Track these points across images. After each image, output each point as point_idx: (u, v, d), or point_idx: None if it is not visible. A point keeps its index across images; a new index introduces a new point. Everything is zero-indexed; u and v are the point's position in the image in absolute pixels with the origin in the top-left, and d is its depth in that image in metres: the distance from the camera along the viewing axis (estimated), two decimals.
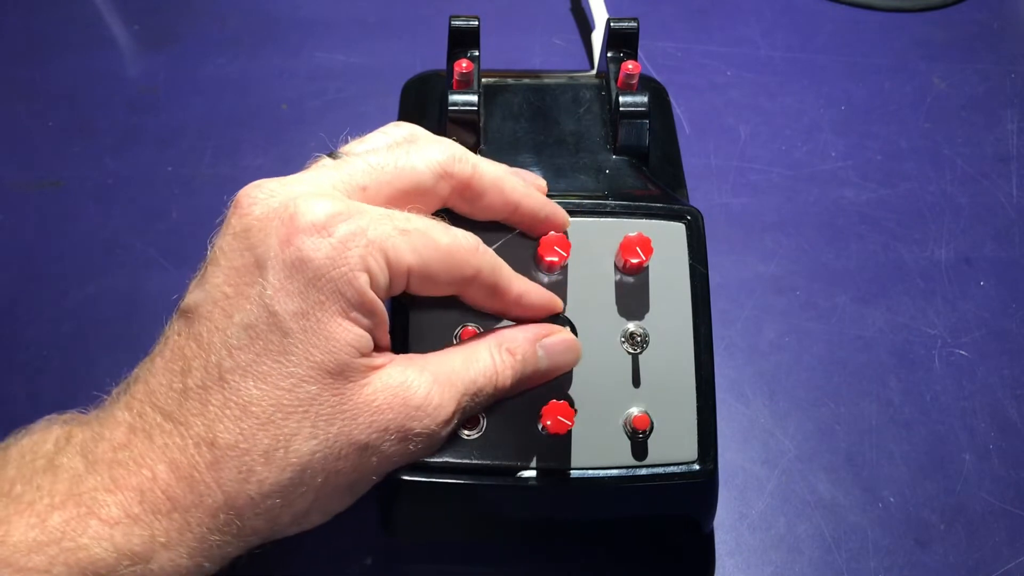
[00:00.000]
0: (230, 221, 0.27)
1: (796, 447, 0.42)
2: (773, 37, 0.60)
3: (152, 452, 0.25)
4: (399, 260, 0.26)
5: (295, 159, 0.52)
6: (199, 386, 0.25)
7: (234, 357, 0.25)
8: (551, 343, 0.30)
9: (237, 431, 0.24)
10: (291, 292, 0.25)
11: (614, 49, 0.42)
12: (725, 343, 0.45)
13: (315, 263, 0.25)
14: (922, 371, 0.45)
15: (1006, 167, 0.53)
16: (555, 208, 0.32)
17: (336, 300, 0.25)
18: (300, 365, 0.25)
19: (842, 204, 0.51)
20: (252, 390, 0.25)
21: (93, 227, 0.50)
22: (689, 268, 0.34)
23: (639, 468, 0.32)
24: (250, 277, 0.25)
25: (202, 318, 0.25)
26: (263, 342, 0.25)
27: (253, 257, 0.25)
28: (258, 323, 0.25)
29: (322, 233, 0.25)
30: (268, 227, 0.25)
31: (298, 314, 0.25)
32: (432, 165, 0.29)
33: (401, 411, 0.26)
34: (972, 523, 0.40)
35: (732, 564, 0.39)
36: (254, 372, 0.25)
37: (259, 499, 0.25)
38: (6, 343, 0.45)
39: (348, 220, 0.25)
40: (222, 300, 0.25)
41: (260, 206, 0.26)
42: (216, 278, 0.26)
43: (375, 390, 0.26)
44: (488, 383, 0.29)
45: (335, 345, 0.25)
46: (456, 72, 0.38)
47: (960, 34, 0.60)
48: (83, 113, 0.55)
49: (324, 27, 0.60)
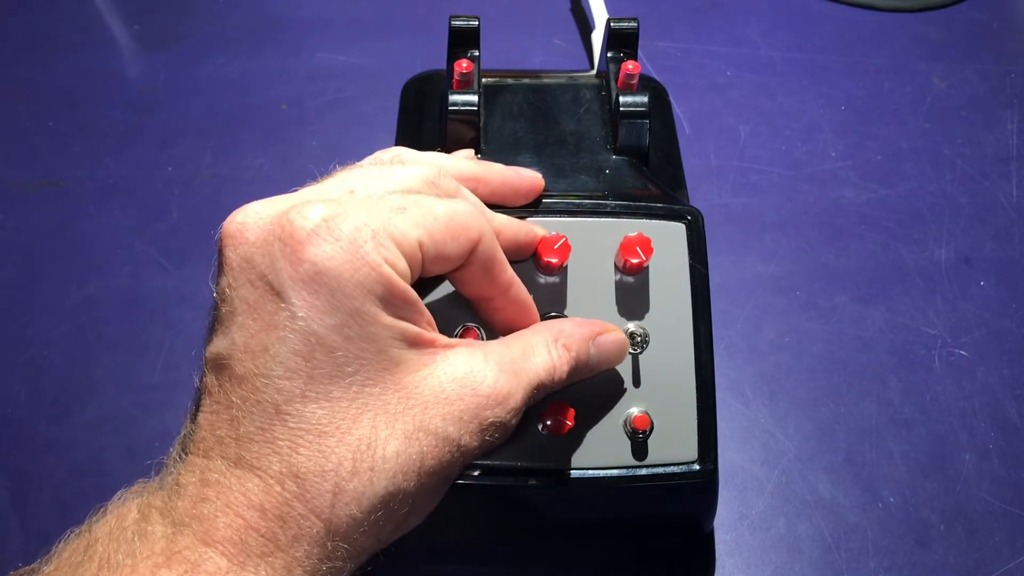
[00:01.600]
0: (226, 256, 0.25)
1: (796, 447, 0.42)
2: (773, 37, 0.60)
3: (234, 500, 0.23)
4: (407, 239, 0.25)
5: (295, 159, 0.53)
6: (259, 428, 0.24)
7: (285, 389, 0.24)
8: (605, 341, 0.30)
9: (317, 455, 0.23)
10: (322, 308, 0.24)
11: (614, 49, 0.42)
12: (725, 343, 0.45)
13: (334, 271, 0.24)
14: (922, 371, 0.45)
15: (1006, 167, 0.53)
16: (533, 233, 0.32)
17: (369, 300, 0.24)
18: (356, 374, 0.24)
19: (842, 204, 0.51)
20: (317, 412, 0.24)
21: (93, 227, 0.50)
22: (689, 268, 0.34)
23: (639, 468, 0.32)
24: (272, 306, 0.24)
25: (237, 362, 0.24)
26: (311, 366, 0.24)
27: (266, 285, 0.24)
28: (300, 348, 0.24)
29: (328, 238, 0.24)
30: (270, 250, 0.24)
31: (337, 327, 0.24)
32: (418, 173, 0.28)
33: (472, 400, 0.25)
34: (972, 523, 0.40)
35: (732, 564, 0.39)
36: (312, 395, 0.24)
37: (361, 516, 0.24)
38: (6, 343, 0.45)
39: (346, 217, 0.24)
40: (251, 339, 0.24)
41: (252, 230, 0.25)
42: (237, 318, 0.24)
43: (441, 381, 0.25)
44: (547, 376, 0.28)
45: (383, 344, 0.24)
46: (456, 72, 0.38)
47: (960, 34, 0.60)
48: (83, 113, 0.55)
49: (324, 27, 0.60)
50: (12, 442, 0.42)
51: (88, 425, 0.42)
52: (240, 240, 0.25)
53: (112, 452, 0.42)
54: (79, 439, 0.42)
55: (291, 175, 0.52)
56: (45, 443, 0.42)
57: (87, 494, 0.40)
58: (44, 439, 0.42)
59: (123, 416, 0.43)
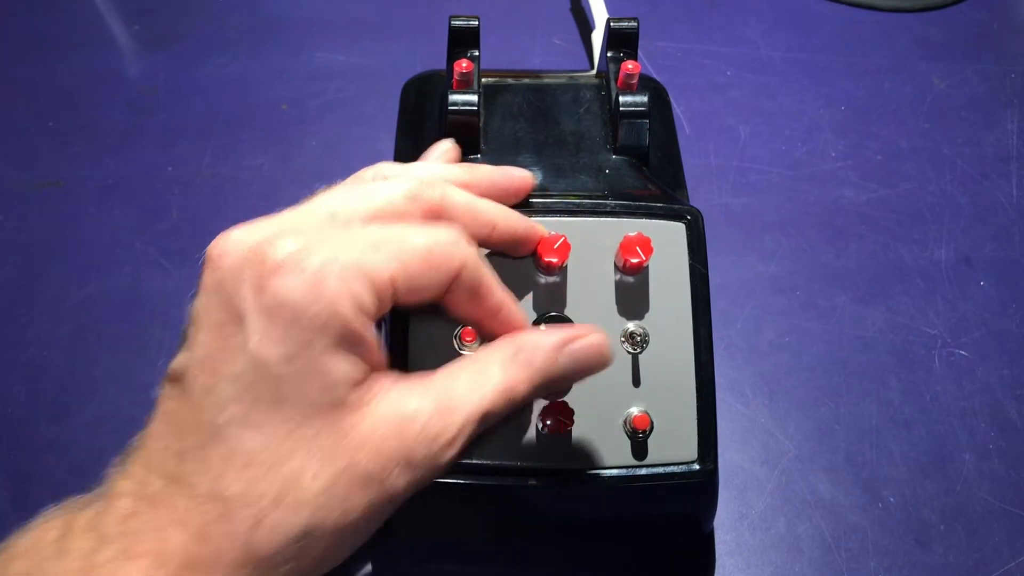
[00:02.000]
0: (203, 278, 0.26)
1: (796, 447, 0.42)
2: (773, 37, 0.60)
3: (161, 516, 0.24)
4: (379, 275, 0.25)
5: (295, 159, 0.53)
6: (196, 445, 0.24)
7: (228, 411, 0.24)
8: (577, 348, 0.28)
9: (244, 481, 0.24)
10: (276, 337, 0.24)
11: (614, 49, 0.42)
12: (725, 343, 0.45)
13: (293, 303, 0.24)
14: (922, 371, 0.45)
15: (1006, 167, 0.53)
16: (532, 225, 0.32)
17: (322, 336, 0.24)
18: (296, 407, 0.24)
19: (842, 204, 0.51)
20: (252, 440, 0.24)
21: (93, 227, 0.50)
22: (689, 268, 0.34)
23: (639, 468, 0.32)
24: (232, 329, 0.24)
25: (190, 379, 0.25)
26: (255, 391, 0.24)
27: (231, 310, 0.25)
28: (247, 373, 0.24)
29: (294, 271, 0.24)
30: (240, 276, 0.25)
31: (286, 358, 0.24)
32: (401, 190, 0.28)
33: (402, 439, 0.25)
34: (972, 523, 0.40)
35: (732, 564, 0.39)
36: (251, 422, 0.24)
37: (279, 547, 0.24)
38: (6, 343, 0.45)
39: (317, 251, 0.25)
40: (208, 358, 0.25)
41: (228, 257, 0.25)
42: (199, 337, 0.25)
43: (375, 421, 0.25)
44: (499, 401, 0.27)
45: (329, 381, 0.24)
46: (456, 72, 0.38)
47: (960, 34, 0.60)
48: (83, 113, 0.55)
49: (324, 27, 0.60)
50: (12, 442, 0.42)
51: (88, 425, 0.42)
52: (217, 265, 0.25)
53: (112, 452, 0.41)
54: (79, 439, 0.42)
55: (291, 175, 0.52)
56: (45, 443, 0.42)
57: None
58: (44, 439, 0.42)
59: (123, 416, 0.43)
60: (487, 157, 0.38)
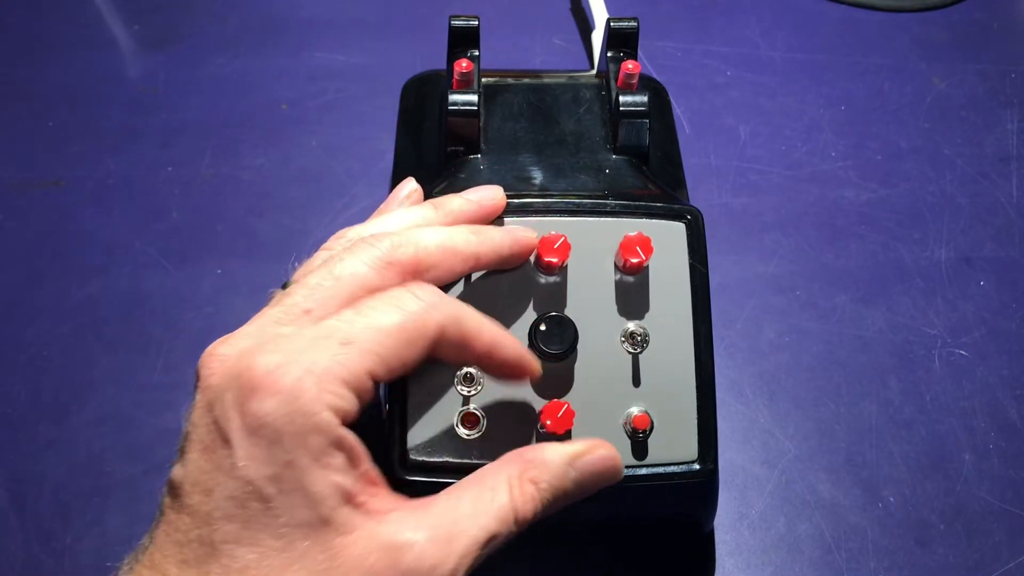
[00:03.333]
0: (196, 395, 0.27)
1: (796, 447, 0.42)
2: (773, 37, 0.60)
3: None
4: (355, 374, 0.25)
5: (295, 159, 0.53)
6: (197, 558, 0.25)
7: (223, 529, 0.25)
8: (587, 463, 0.28)
9: None
10: (259, 459, 0.25)
11: (614, 49, 0.42)
12: (725, 343, 0.45)
13: (272, 425, 0.24)
14: (922, 371, 0.45)
15: (1006, 167, 0.53)
16: (515, 237, 0.32)
17: (303, 453, 0.25)
18: (286, 525, 0.25)
19: (842, 204, 0.51)
20: (248, 556, 0.24)
21: (93, 227, 0.50)
22: (689, 268, 0.34)
23: (639, 468, 0.32)
24: (221, 451, 0.25)
25: (186, 494, 0.26)
26: (246, 510, 0.25)
27: (218, 431, 0.25)
28: (237, 494, 0.25)
29: (270, 391, 0.25)
30: (224, 398, 0.25)
31: (271, 478, 0.25)
32: (371, 261, 0.28)
33: (395, 570, 0.25)
34: (972, 523, 0.40)
35: (732, 564, 0.39)
36: (245, 539, 0.25)
37: None
38: (6, 343, 0.45)
39: (288, 367, 0.25)
40: (201, 476, 0.25)
41: (216, 376, 0.26)
42: (192, 454, 0.26)
43: (367, 548, 0.25)
44: (504, 525, 0.26)
45: (314, 498, 0.25)
46: (456, 72, 0.38)
47: (960, 34, 0.60)
48: (83, 113, 0.55)
49: (324, 27, 0.60)
50: (12, 442, 0.42)
51: (88, 425, 0.42)
52: (206, 384, 0.26)
53: (112, 452, 0.42)
54: (79, 439, 0.42)
55: (291, 175, 0.52)
56: (45, 443, 0.42)
57: (87, 494, 0.40)
58: (44, 439, 0.42)
59: (123, 416, 0.43)
60: (487, 157, 0.38)
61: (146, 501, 0.40)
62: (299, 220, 0.50)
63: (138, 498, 0.40)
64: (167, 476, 0.27)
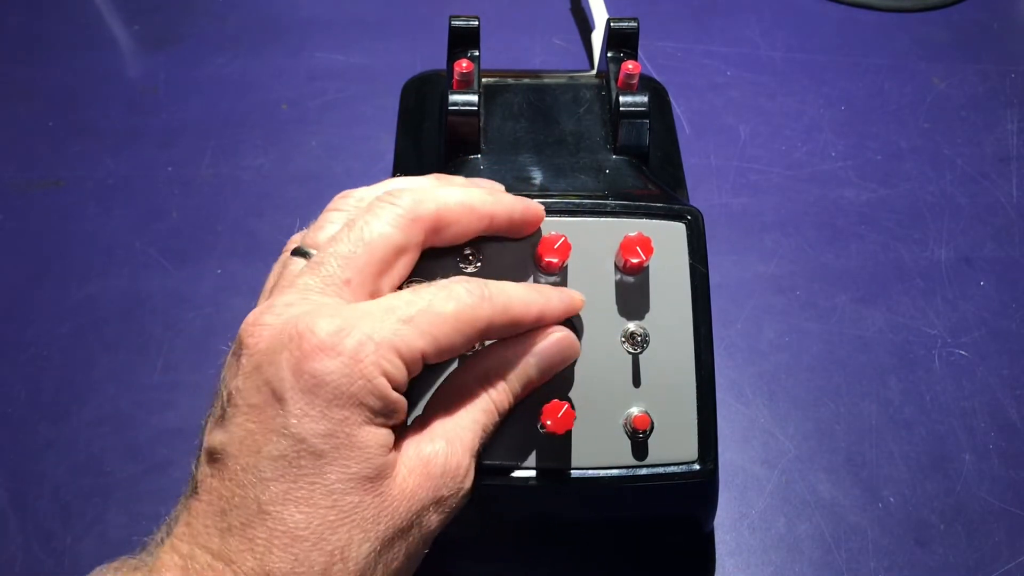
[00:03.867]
0: (240, 362, 0.27)
1: (796, 447, 0.42)
2: (773, 37, 0.60)
3: None
4: (411, 350, 0.27)
5: (295, 159, 0.53)
6: (241, 523, 0.25)
7: (270, 489, 0.25)
8: (543, 348, 0.30)
9: (290, 558, 0.24)
10: (314, 416, 0.25)
11: (614, 49, 0.42)
12: (725, 343, 0.45)
13: (331, 384, 0.25)
14: (922, 371, 0.45)
15: (1006, 167, 0.53)
16: (527, 203, 0.32)
17: (360, 412, 0.26)
18: (338, 481, 0.25)
19: (842, 204, 0.51)
20: (296, 515, 0.25)
21: (93, 227, 0.50)
22: (689, 268, 0.34)
23: (639, 468, 0.32)
24: (272, 411, 0.25)
25: (231, 457, 0.26)
26: (296, 468, 0.25)
27: (270, 391, 0.26)
28: (288, 452, 0.25)
29: (330, 353, 0.25)
30: (278, 359, 0.26)
31: (326, 435, 0.25)
32: (395, 221, 0.29)
33: (430, 485, 0.27)
34: (972, 523, 0.40)
35: (732, 564, 0.39)
36: (293, 498, 0.25)
37: None
38: (6, 343, 0.45)
39: (352, 331, 0.26)
40: (248, 438, 0.26)
41: (265, 341, 0.26)
42: (238, 418, 0.26)
43: (405, 476, 0.27)
44: (491, 418, 0.30)
45: (367, 453, 0.26)
46: (456, 72, 0.38)
47: (960, 34, 0.60)
48: (83, 113, 0.55)
49: (324, 27, 0.60)
50: (12, 442, 0.42)
51: (88, 425, 0.42)
52: (253, 349, 0.27)
53: (112, 452, 0.42)
54: (79, 439, 0.42)
55: (291, 175, 0.52)
56: (45, 443, 0.42)
57: (87, 494, 0.40)
58: (44, 439, 0.42)
59: (123, 416, 0.43)
60: (487, 157, 0.38)
61: (146, 501, 0.40)
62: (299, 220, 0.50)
63: (138, 498, 0.40)
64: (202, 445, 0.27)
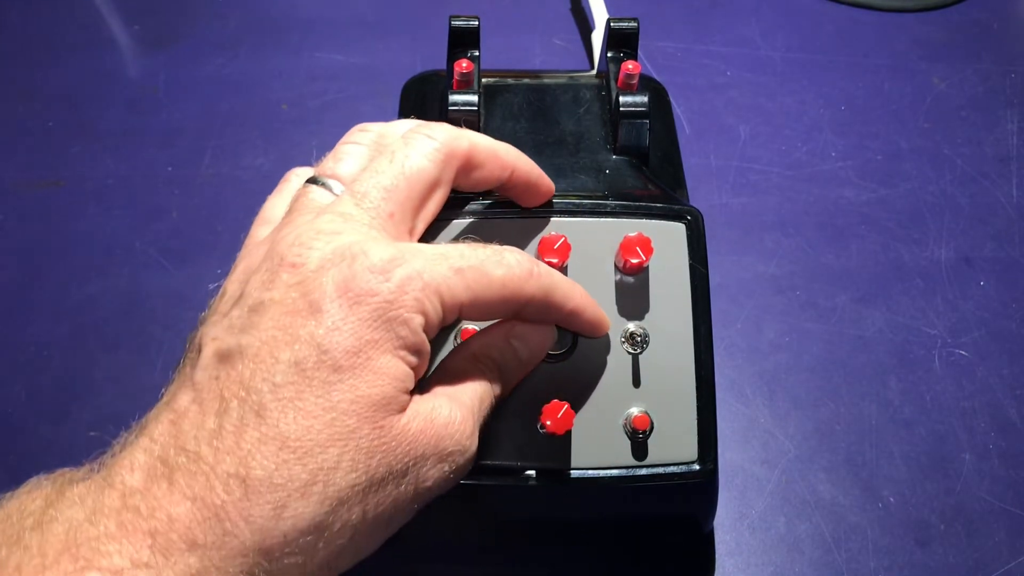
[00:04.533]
0: (280, 277, 0.26)
1: (796, 447, 0.42)
2: (773, 37, 0.60)
3: (173, 494, 0.23)
4: (454, 299, 0.27)
5: (295, 159, 0.53)
6: (235, 424, 0.24)
7: (277, 393, 0.24)
8: (523, 332, 0.30)
9: (272, 465, 0.24)
10: (345, 331, 0.25)
11: (614, 49, 0.42)
12: (725, 343, 0.45)
13: (372, 304, 0.25)
14: (922, 371, 0.45)
15: (1006, 167, 0.53)
16: (542, 173, 0.32)
17: (390, 339, 0.25)
18: (344, 399, 0.25)
19: (842, 204, 0.51)
20: (291, 423, 0.24)
21: (93, 227, 0.50)
22: (689, 268, 0.34)
23: (639, 468, 0.32)
24: (302, 319, 0.25)
25: (246, 359, 0.25)
26: (309, 378, 0.24)
27: (307, 302, 0.25)
28: (307, 360, 0.25)
29: (379, 277, 0.25)
30: (325, 275, 0.26)
31: (351, 351, 0.25)
32: (432, 155, 0.29)
33: (433, 434, 0.27)
34: (972, 523, 0.40)
35: (732, 564, 0.39)
36: (295, 406, 0.24)
37: (293, 537, 0.24)
38: (6, 343, 0.45)
39: (404, 264, 0.26)
40: (270, 342, 0.25)
41: (314, 262, 0.26)
42: (265, 323, 0.25)
43: (409, 419, 0.26)
44: (487, 393, 0.30)
45: (383, 380, 0.25)
46: (456, 72, 0.38)
47: (960, 34, 0.60)
48: (83, 113, 0.55)
49: (324, 27, 0.60)
50: (12, 442, 0.42)
51: (88, 425, 0.42)
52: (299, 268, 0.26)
53: None
54: (79, 439, 0.42)
55: None
56: (45, 443, 0.42)
57: None
58: (44, 439, 0.42)
59: (123, 416, 0.43)
60: None
61: None
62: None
63: None
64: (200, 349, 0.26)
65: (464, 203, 0.34)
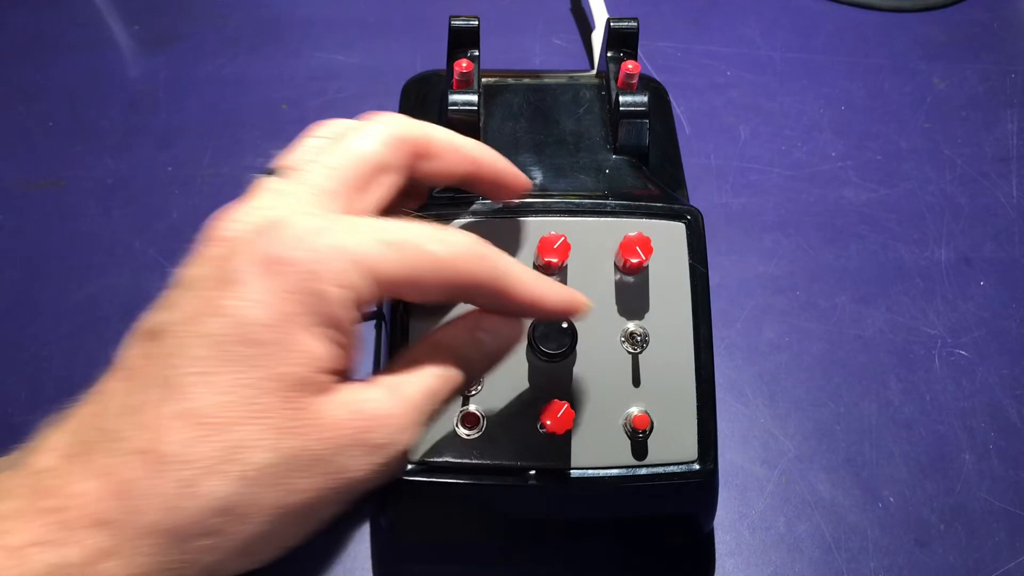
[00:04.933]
0: (205, 251, 0.26)
1: (796, 447, 0.42)
2: (773, 37, 0.60)
3: (86, 472, 0.23)
4: (388, 274, 0.25)
5: None
6: (155, 400, 0.23)
7: (194, 367, 0.23)
8: (491, 324, 0.29)
9: (183, 441, 0.23)
10: (264, 304, 0.24)
11: (614, 49, 0.42)
12: (725, 343, 0.45)
13: (293, 277, 0.24)
14: (922, 371, 0.45)
15: (1006, 167, 0.53)
16: (515, 169, 0.31)
17: (309, 314, 0.24)
18: (262, 375, 0.24)
19: (842, 204, 0.51)
20: (206, 398, 0.23)
21: (93, 227, 0.50)
22: (689, 268, 0.34)
23: (639, 468, 0.32)
24: (223, 292, 0.24)
25: (168, 335, 0.24)
26: (226, 352, 0.24)
27: (227, 274, 0.24)
28: (226, 334, 0.24)
29: (302, 247, 0.24)
30: (244, 247, 0.25)
31: (268, 326, 0.24)
32: (382, 138, 0.28)
33: (357, 425, 0.25)
34: (972, 523, 0.40)
35: (732, 564, 0.39)
36: (211, 381, 0.23)
37: (202, 516, 0.23)
38: (6, 343, 0.45)
39: (330, 234, 0.25)
40: (191, 316, 0.24)
41: (235, 233, 0.25)
42: (186, 298, 0.25)
43: (335, 405, 0.25)
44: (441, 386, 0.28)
45: (302, 358, 0.24)
46: (456, 72, 0.38)
47: (960, 34, 0.60)
48: (83, 113, 0.55)
49: (324, 27, 0.60)
50: (12, 443, 0.42)
51: None
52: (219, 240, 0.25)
53: None
54: None
55: None
56: None
57: None
58: None
59: None
60: None
61: None
62: None
63: None
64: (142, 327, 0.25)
65: (469, 203, 0.34)
